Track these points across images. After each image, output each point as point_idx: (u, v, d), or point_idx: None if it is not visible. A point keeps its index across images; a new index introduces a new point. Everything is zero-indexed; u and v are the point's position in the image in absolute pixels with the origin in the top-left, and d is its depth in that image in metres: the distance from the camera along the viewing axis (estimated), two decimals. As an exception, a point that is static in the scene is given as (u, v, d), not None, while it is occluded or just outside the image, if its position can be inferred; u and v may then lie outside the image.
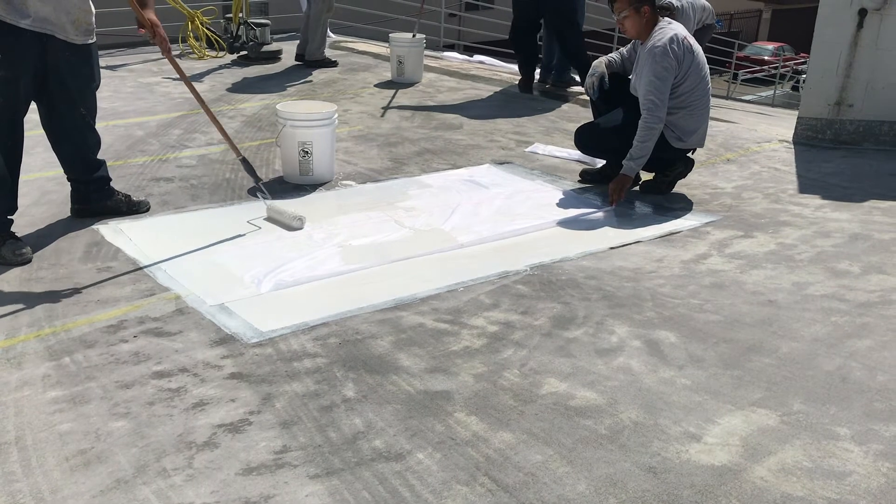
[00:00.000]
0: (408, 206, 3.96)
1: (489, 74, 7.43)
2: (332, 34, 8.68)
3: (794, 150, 5.21)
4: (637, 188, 4.27)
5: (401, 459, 2.05)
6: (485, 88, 6.87)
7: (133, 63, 7.36)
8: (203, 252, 3.34)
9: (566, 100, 6.48)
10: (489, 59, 8.34)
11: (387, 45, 7.32)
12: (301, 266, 3.21)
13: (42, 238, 3.43)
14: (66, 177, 3.65)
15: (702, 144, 4.26)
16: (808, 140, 5.37)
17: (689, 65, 3.95)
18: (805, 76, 6.01)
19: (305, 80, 6.92)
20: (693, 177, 4.42)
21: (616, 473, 2.01)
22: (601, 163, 4.52)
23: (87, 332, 2.67)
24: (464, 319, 2.82)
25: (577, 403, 2.31)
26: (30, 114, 3.32)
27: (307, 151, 4.17)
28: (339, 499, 1.91)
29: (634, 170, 4.00)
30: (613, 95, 4.22)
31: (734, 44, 16.90)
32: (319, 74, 7.16)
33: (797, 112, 5.58)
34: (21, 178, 3.38)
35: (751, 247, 3.54)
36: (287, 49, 7.91)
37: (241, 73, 7.13)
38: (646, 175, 4.31)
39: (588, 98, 4.50)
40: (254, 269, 3.17)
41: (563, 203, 4.09)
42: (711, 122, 4.44)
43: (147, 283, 3.05)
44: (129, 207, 3.73)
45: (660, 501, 1.91)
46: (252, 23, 7.61)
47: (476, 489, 1.95)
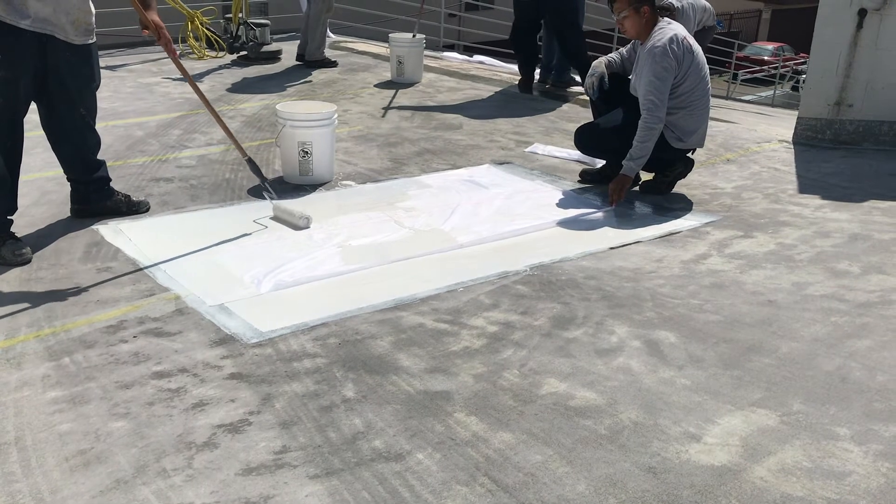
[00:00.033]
0: (407, 207, 3.96)
1: (489, 75, 7.43)
2: (332, 34, 8.68)
3: (794, 151, 5.21)
4: (637, 188, 4.27)
5: (400, 460, 2.05)
6: (484, 88, 6.87)
7: (133, 63, 7.36)
8: (203, 252, 3.34)
9: (566, 100, 6.48)
10: (489, 60, 8.34)
11: (386, 46, 7.32)
12: (301, 266, 3.21)
13: (42, 238, 3.43)
14: (66, 177, 3.65)
15: (702, 145, 4.26)
16: (808, 140, 5.37)
17: (689, 65, 3.95)
18: (805, 76, 6.01)
19: (305, 81, 6.92)
20: (693, 177, 4.42)
21: (616, 473, 2.01)
22: (601, 163, 4.52)
23: (87, 333, 2.67)
24: (463, 320, 2.82)
25: (577, 403, 2.31)
26: (30, 114, 3.32)
27: (307, 152, 4.17)
28: (339, 499, 1.91)
29: (634, 170, 4.00)
30: (613, 95, 4.22)
31: (734, 44, 16.90)
32: (319, 74, 7.16)
33: (797, 112, 5.58)
34: (21, 179, 3.38)
35: (750, 247, 3.54)
36: (287, 49, 7.91)
37: (241, 74, 7.13)
38: (645, 175, 4.31)
39: (588, 98, 4.50)
40: (253, 270, 3.17)
41: (563, 203, 4.09)
42: (711, 123, 4.44)
43: (147, 284, 3.05)
44: (129, 208, 3.73)
45: (659, 501, 1.91)
46: (252, 23, 7.61)
47: (476, 489, 1.95)
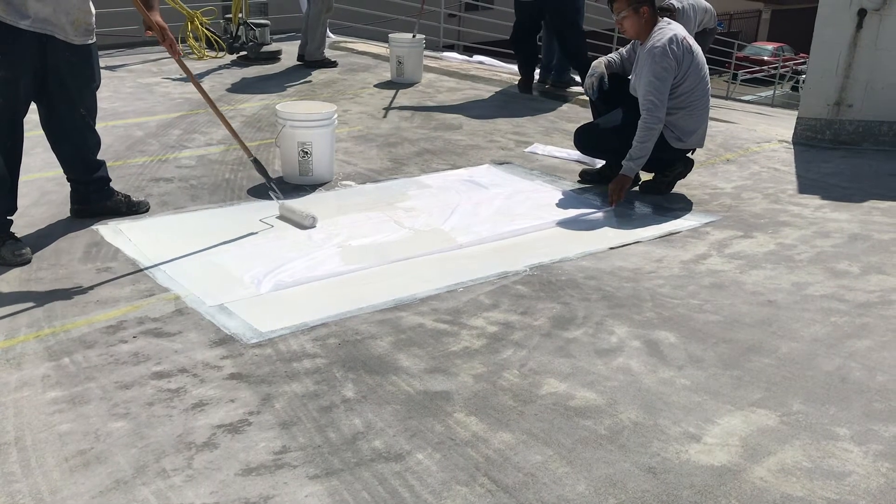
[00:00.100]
0: (407, 207, 3.96)
1: (489, 75, 7.43)
2: (332, 34, 8.69)
3: (794, 151, 5.22)
4: (637, 188, 4.27)
5: (400, 460, 2.05)
6: (484, 89, 6.87)
7: (133, 63, 7.36)
8: (203, 252, 3.34)
9: (566, 100, 6.48)
10: (489, 60, 8.34)
11: (386, 46, 7.32)
12: (301, 266, 3.21)
13: (42, 238, 3.43)
14: (66, 177, 3.65)
15: (701, 145, 4.26)
16: (808, 140, 5.37)
17: (689, 65, 3.95)
18: (804, 76, 6.01)
19: (305, 81, 6.92)
20: (692, 177, 4.42)
21: (615, 474, 2.01)
22: (601, 163, 4.52)
23: (87, 333, 2.67)
24: (463, 320, 2.82)
25: (577, 404, 2.32)
26: (30, 114, 3.32)
27: (307, 152, 4.17)
28: (339, 499, 1.91)
29: (634, 170, 4.00)
30: (613, 96, 4.22)
31: (734, 44, 16.91)
32: (319, 75, 7.16)
33: (797, 112, 5.58)
34: (21, 179, 3.38)
35: (750, 247, 3.54)
36: (287, 49, 7.91)
37: (241, 74, 7.13)
38: (645, 175, 4.31)
39: (587, 98, 4.50)
40: (253, 270, 3.17)
41: (563, 203, 4.09)
42: (711, 123, 4.44)
43: (146, 284, 3.05)
44: (129, 208, 3.73)
45: (659, 502, 1.91)
46: (251, 23, 7.61)
47: (476, 489, 1.95)
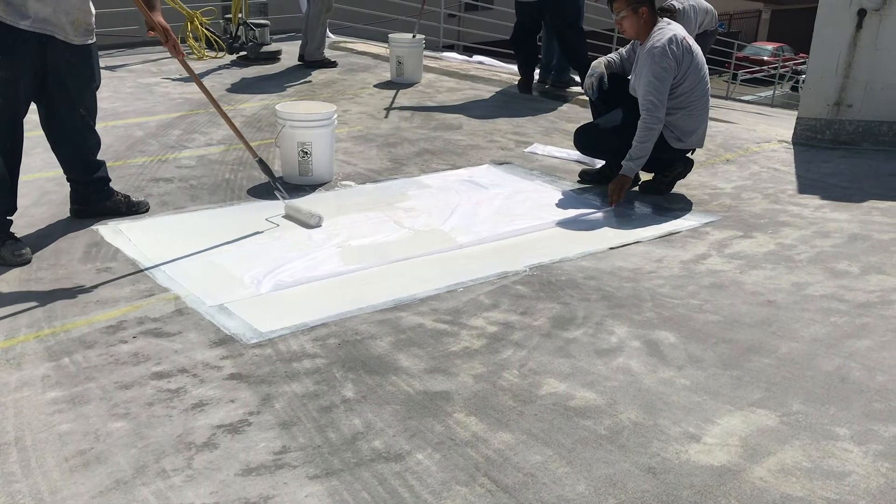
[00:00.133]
0: (407, 207, 3.96)
1: (488, 75, 7.44)
2: (332, 34, 8.69)
3: (794, 151, 5.22)
4: (636, 188, 4.27)
5: (400, 460, 2.05)
6: (484, 89, 6.87)
7: (132, 64, 7.36)
8: (202, 252, 3.34)
9: (565, 100, 6.48)
10: (488, 60, 8.34)
11: (386, 46, 7.32)
12: (300, 266, 3.21)
13: (41, 239, 3.43)
14: (66, 177, 3.65)
15: (701, 145, 4.26)
16: (808, 140, 5.37)
17: (689, 65, 3.95)
18: (804, 76, 6.01)
19: (305, 81, 6.93)
20: (692, 177, 4.42)
21: (615, 474, 2.01)
22: (600, 163, 4.52)
23: (87, 333, 2.67)
24: (463, 320, 2.82)
25: (577, 404, 2.32)
26: (29, 114, 3.32)
27: (306, 152, 4.17)
28: (339, 499, 1.91)
29: (634, 170, 4.00)
30: (612, 96, 4.22)
31: (733, 44, 16.91)
32: (319, 75, 7.16)
33: (796, 112, 5.58)
34: (20, 179, 3.38)
35: (750, 247, 3.54)
36: (286, 50, 7.91)
37: (241, 74, 7.13)
38: (645, 175, 4.31)
39: (587, 98, 4.50)
40: (253, 270, 3.17)
41: (563, 203, 4.09)
42: (711, 123, 4.44)
43: (146, 284, 3.05)
44: (129, 208, 3.73)
45: (659, 502, 1.92)
46: (251, 23, 7.62)
47: (475, 490, 1.95)
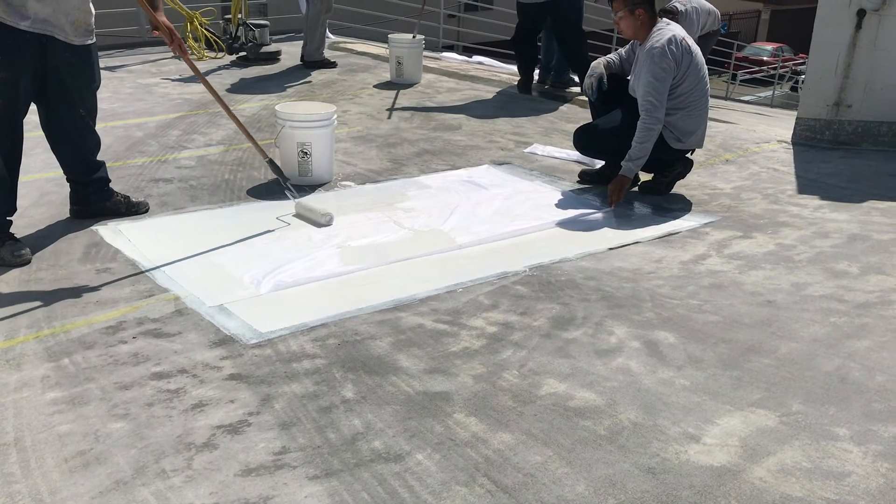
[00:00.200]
0: (407, 207, 3.96)
1: (488, 75, 7.44)
2: (331, 35, 8.69)
3: (793, 151, 5.22)
4: (636, 189, 4.27)
5: (400, 460, 2.05)
6: (484, 89, 6.87)
7: (132, 64, 7.36)
8: (202, 253, 3.34)
9: (565, 100, 6.49)
10: (488, 60, 8.35)
11: (386, 46, 7.32)
12: (300, 267, 3.21)
13: (41, 239, 3.43)
14: (66, 178, 3.65)
15: (700, 145, 4.26)
16: (807, 141, 5.37)
17: (688, 66, 3.95)
18: (804, 77, 6.01)
19: (304, 81, 6.93)
20: (692, 177, 4.42)
21: (615, 474, 2.01)
22: (600, 163, 4.52)
23: (86, 334, 2.67)
24: (463, 320, 2.82)
25: (576, 404, 2.32)
26: (29, 115, 3.32)
27: (306, 152, 4.17)
28: (338, 500, 1.91)
29: (633, 170, 4.00)
30: (612, 96, 4.23)
31: (733, 44, 16.92)
32: (318, 75, 7.16)
33: (796, 113, 5.58)
34: (20, 180, 3.38)
35: (750, 247, 3.54)
36: (286, 50, 7.91)
37: (240, 74, 7.13)
38: (645, 176, 4.31)
39: (587, 99, 4.50)
40: (253, 270, 3.17)
41: (562, 204, 4.09)
42: (710, 123, 4.44)
43: (146, 284, 3.05)
44: (128, 208, 3.73)
45: (659, 502, 1.92)
46: (251, 24, 7.62)
47: (475, 490, 1.95)
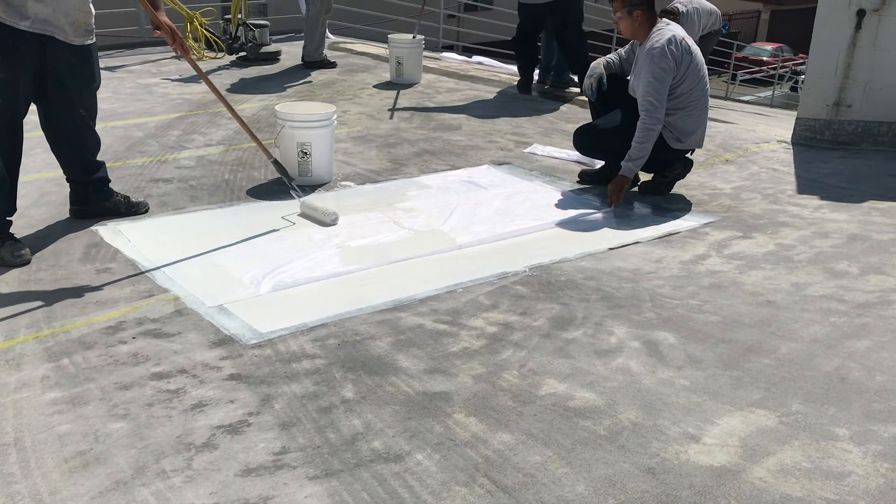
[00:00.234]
0: (407, 207, 3.96)
1: (488, 75, 7.44)
2: (331, 35, 8.69)
3: (793, 151, 5.22)
4: (636, 189, 4.27)
5: (400, 461, 2.05)
6: (483, 89, 6.87)
7: (132, 64, 7.36)
8: (202, 253, 3.34)
9: (565, 101, 6.49)
10: (488, 60, 8.35)
11: (386, 46, 7.32)
12: (300, 267, 3.21)
13: (41, 239, 3.43)
14: (65, 178, 3.65)
15: (700, 145, 4.26)
16: (807, 141, 5.37)
17: (688, 66, 3.95)
18: (803, 77, 6.01)
19: (304, 81, 6.93)
20: (692, 177, 4.42)
21: (615, 474, 2.01)
22: (600, 164, 4.52)
23: (86, 334, 2.67)
24: (463, 320, 2.82)
25: (576, 404, 2.32)
26: (29, 115, 3.32)
27: (306, 152, 4.17)
28: (338, 500, 1.91)
29: (633, 171, 4.00)
30: (612, 97, 4.23)
31: (733, 44, 16.92)
32: (318, 75, 7.16)
33: (796, 113, 5.59)
34: (20, 180, 3.38)
35: (749, 247, 3.54)
36: (286, 50, 7.91)
37: (240, 74, 7.13)
38: (644, 176, 4.31)
39: (586, 99, 4.50)
40: (253, 270, 3.16)
41: (562, 204, 4.09)
42: (710, 123, 4.44)
43: (146, 285, 3.05)
44: (128, 208, 3.73)
45: (659, 502, 1.92)
46: (251, 24, 7.62)
47: (475, 490, 1.95)
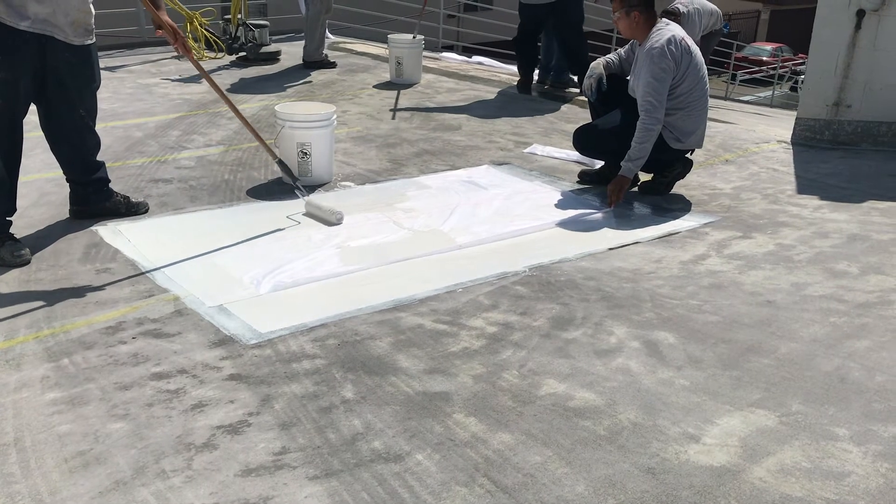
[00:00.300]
0: (406, 207, 3.96)
1: (488, 75, 7.44)
2: (331, 35, 8.69)
3: (793, 151, 5.22)
4: (636, 189, 4.27)
5: (400, 461, 2.05)
6: (483, 89, 6.87)
7: (132, 64, 7.36)
8: (202, 254, 3.34)
9: (565, 101, 6.49)
10: (488, 60, 8.35)
11: (385, 46, 7.33)
12: (300, 267, 3.21)
13: (41, 239, 3.43)
14: (65, 178, 3.65)
15: (700, 145, 4.26)
16: (807, 141, 5.37)
17: (687, 66, 3.95)
18: (803, 77, 6.01)
19: (304, 81, 6.93)
20: (692, 177, 4.42)
21: (615, 474, 2.01)
22: (599, 164, 4.52)
23: (86, 334, 2.67)
24: (462, 320, 2.82)
25: (576, 404, 2.32)
26: (29, 115, 3.32)
27: (306, 152, 4.17)
28: (338, 500, 1.91)
29: (633, 171, 4.00)
30: (611, 97, 4.23)
31: (733, 44, 16.92)
32: (318, 75, 7.16)
33: (795, 113, 5.59)
34: (20, 180, 3.38)
35: (749, 247, 3.54)
36: (286, 50, 7.91)
37: (240, 75, 7.13)
38: (644, 176, 4.31)
39: (586, 99, 4.50)
40: (253, 271, 3.16)
41: (562, 204, 4.09)
42: (710, 123, 4.44)
43: (146, 285, 3.05)
44: (128, 209, 3.73)
45: (658, 502, 1.92)
46: (251, 24, 7.62)
47: (475, 490, 1.95)
